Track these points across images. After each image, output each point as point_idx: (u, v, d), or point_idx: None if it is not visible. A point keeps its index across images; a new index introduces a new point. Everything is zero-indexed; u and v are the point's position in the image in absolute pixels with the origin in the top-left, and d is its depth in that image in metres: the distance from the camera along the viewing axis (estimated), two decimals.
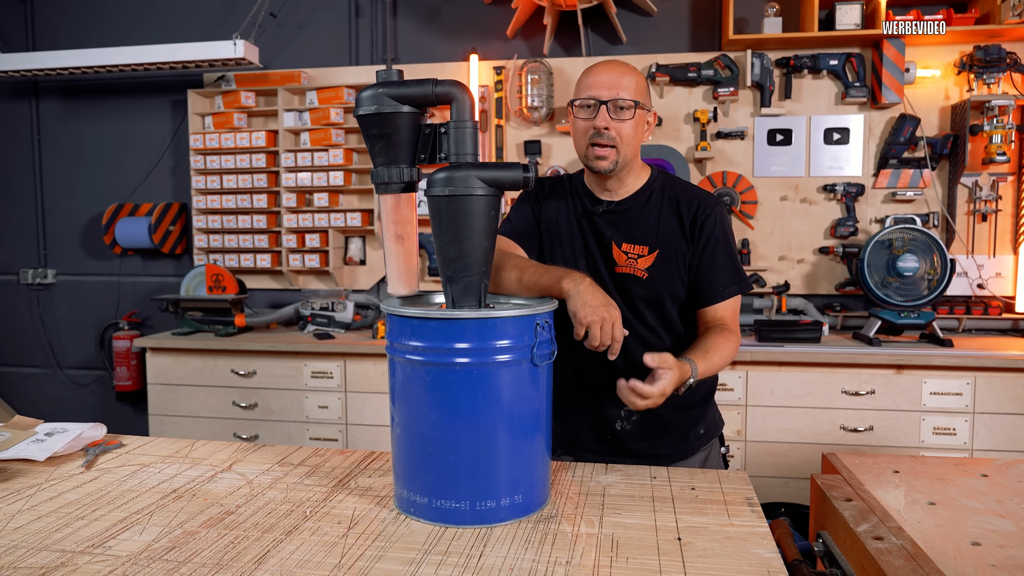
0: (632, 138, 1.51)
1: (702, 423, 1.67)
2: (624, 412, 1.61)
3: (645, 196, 1.58)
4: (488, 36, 3.62)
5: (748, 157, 3.42)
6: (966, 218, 3.29)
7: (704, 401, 1.67)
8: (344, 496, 1.31)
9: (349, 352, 3.18)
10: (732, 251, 1.58)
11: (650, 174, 1.61)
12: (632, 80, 1.50)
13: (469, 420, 1.17)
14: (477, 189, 1.21)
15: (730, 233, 1.60)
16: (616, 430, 1.62)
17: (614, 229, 1.57)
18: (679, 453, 1.64)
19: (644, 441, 1.62)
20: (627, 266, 1.56)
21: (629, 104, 1.47)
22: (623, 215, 1.57)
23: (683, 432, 1.64)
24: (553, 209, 1.64)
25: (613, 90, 1.48)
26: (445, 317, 1.17)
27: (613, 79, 1.49)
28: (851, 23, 3.18)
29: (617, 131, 1.49)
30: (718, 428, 1.72)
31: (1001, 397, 2.78)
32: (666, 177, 1.61)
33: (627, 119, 1.48)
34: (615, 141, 1.49)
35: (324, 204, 3.66)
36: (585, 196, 1.62)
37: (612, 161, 1.51)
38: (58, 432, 1.59)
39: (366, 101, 1.24)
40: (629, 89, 1.48)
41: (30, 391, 4.24)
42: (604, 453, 1.65)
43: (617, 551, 1.08)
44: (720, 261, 1.55)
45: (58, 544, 1.12)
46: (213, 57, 3.42)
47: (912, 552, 1.09)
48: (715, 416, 1.72)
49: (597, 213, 1.59)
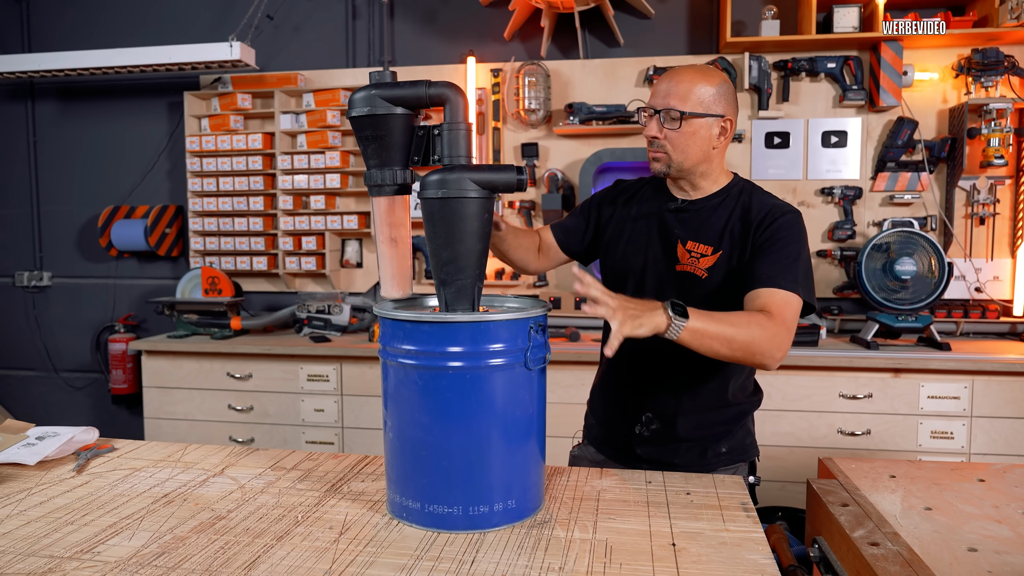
0: (686, 146, 1.50)
1: (726, 442, 1.61)
2: (645, 418, 1.61)
3: (719, 198, 1.57)
4: (485, 38, 3.61)
5: (746, 160, 3.42)
6: (964, 221, 3.29)
7: (733, 420, 1.62)
8: (336, 501, 1.30)
9: (345, 355, 3.17)
10: (796, 256, 1.46)
11: (732, 179, 1.60)
12: (689, 88, 1.48)
13: (462, 424, 1.16)
14: (471, 191, 1.21)
15: (800, 243, 1.49)
16: (635, 433, 1.62)
17: (682, 227, 1.57)
18: (695, 467, 1.58)
19: (660, 448, 1.61)
20: (689, 264, 1.55)
21: (676, 115, 1.48)
22: (694, 214, 1.57)
23: (702, 447, 1.60)
24: (628, 208, 1.67)
25: (666, 99, 1.49)
26: (438, 320, 1.16)
27: (669, 88, 1.50)
28: (849, 26, 3.18)
29: (668, 139, 1.50)
30: (747, 454, 1.65)
31: (999, 401, 2.78)
32: (747, 184, 1.60)
33: (676, 128, 1.49)
34: (665, 148, 1.51)
35: (321, 207, 3.65)
36: (663, 195, 1.64)
37: (665, 164, 1.53)
38: (49, 436, 1.58)
39: (359, 103, 1.23)
40: (684, 98, 1.48)
41: (26, 394, 4.23)
42: (621, 453, 1.66)
43: (611, 557, 1.07)
44: (775, 256, 1.45)
45: (46, 550, 1.10)
46: (209, 59, 3.40)
47: (908, 558, 1.09)
48: (745, 440, 1.65)
49: (669, 210, 1.60)
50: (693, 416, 1.59)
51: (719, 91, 1.50)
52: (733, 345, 1.31)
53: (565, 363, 2.93)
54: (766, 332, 1.33)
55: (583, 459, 1.75)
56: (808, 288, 1.45)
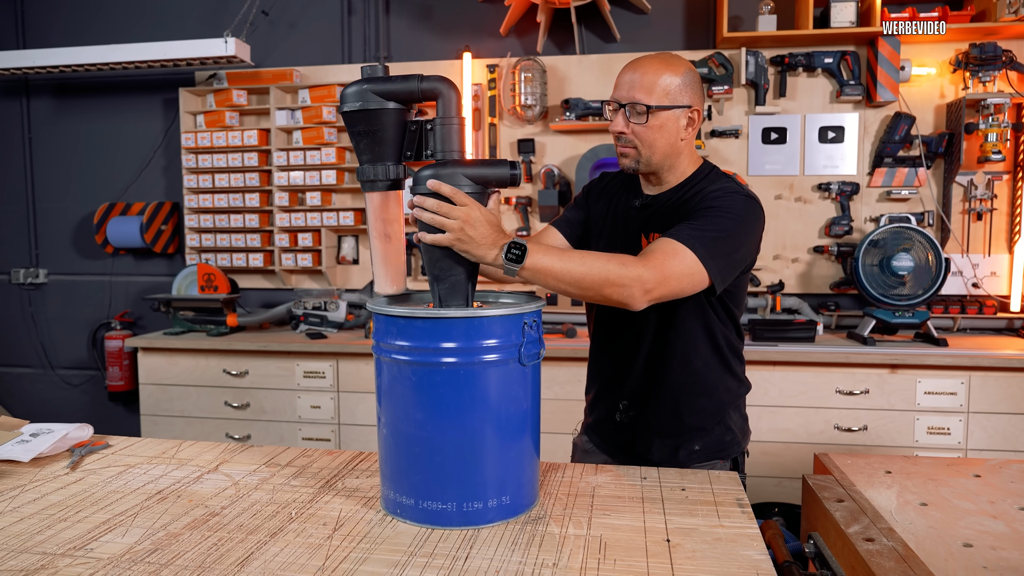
0: (654, 140, 1.46)
1: (699, 440, 1.56)
2: (622, 405, 1.60)
3: (682, 191, 1.52)
4: (481, 34, 3.60)
5: (742, 155, 3.41)
6: (961, 217, 3.29)
7: (711, 415, 1.57)
8: (331, 497, 1.29)
9: (342, 352, 3.17)
10: (718, 226, 1.37)
11: (698, 167, 1.55)
12: (654, 80, 1.43)
13: (456, 420, 1.16)
14: (464, 187, 1.20)
15: (733, 218, 1.39)
16: (615, 420, 1.62)
17: (646, 223, 1.55)
18: (668, 463, 1.55)
19: (638, 441, 1.60)
20: None
21: (643, 109, 1.43)
22: (656, 209, 1.54)
23: (674, 443, 1.56)
24: (604, 203, 1.65)
25: (631, 92, 1.44)
26: (431, 316, 1.15)
27: (634, 80, 1.44)
28: (846, 21, 3.17)
29: (635, 134, 1.46)
30: (726, 451, 1.58)
31: (995, 397, 2.78)
32: (713, 172, 1.54)
33: (642, 123, 1.44)
34: (633, 143, 1.47)
35: (317, 203, 3.64)
36: (631, 190, 1.61)
37: (634, 160, 1.49)
38: (44, 433, 1.57)
39: (351, 97, 1.22)
40: (649, 90, 1.43)
41: (22, 391, 4.22)
42: (605, 441, 1.67)
43: (605, 552, 1.07)
44: (695, 222, 1.38)
45: (39, 546, 1.10)
46: (204, 55, 3.39)
47: (903, 554, 1.08)
48: (724, 437, 1.58)
49: (634, 207, 1.58)
50: (663, 406, 1.55)
51: (684, 80, 1.45)
52: (583, 284, 1.28)
53: (561, 359, 2.93)
54: (627, 270, 1.27)
55: (578, 448, 1.76)
56: (718, 260, 1.35)
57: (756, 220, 1.45)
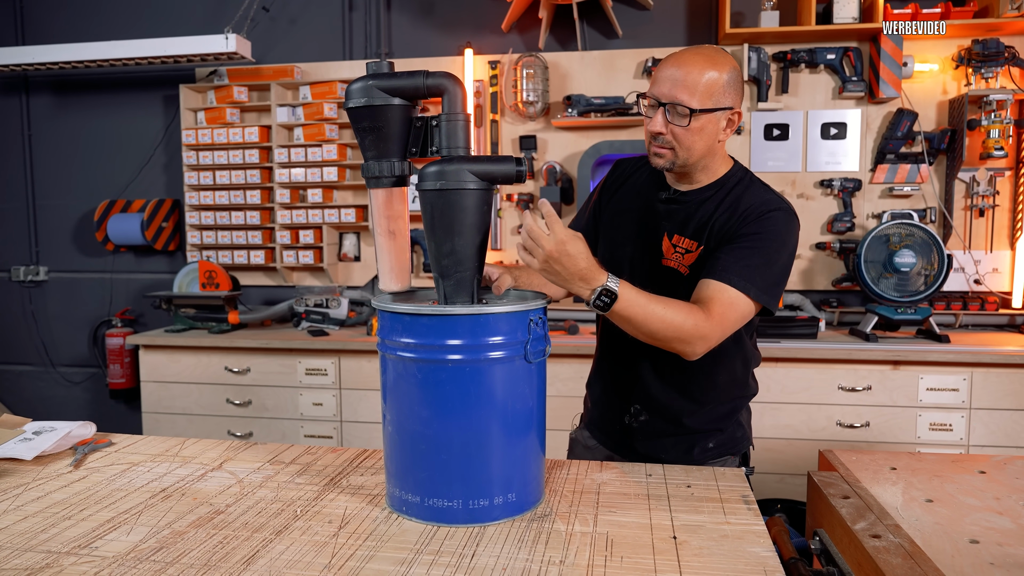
0: (693, 142, 1.40)
1: (713, 438, 1.57)
2: (634, 409, 1.59)
3: (711, 191, 1.47)
4: (483, 30, 3.59)
5: (745, 152, 3.40)
6: (963, 213, 3.28)
7: (724, 417, 1.58)
8: (336, 495, 1.29)
9: (343, 349, 3.16)
10: (766, 258, 1.37)
11: (730, 169, 1.50)
12: (699, 79, 1.36)
13: (462, 418, 1.16)
14: (469, 183, 1.19)
15: (779, 244, 1.39)
16: (624, 423, 1.61)
17: (670, 219, 1.50)
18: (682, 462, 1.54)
19: (648, 442, 1.59)
20: (673, 260, 1.48)
21: (686, 112, 1.36)
22: (682, 206, 1.49)
23: (689, 443, 1.57)
24: (624, 193, 1.61)
25: (673, 91, 1.37)
26: (437, 313, 1.15)
27: (676, 77, 1.37)
28: (849, 17, 3.17)
29: (674, 135, 1.39)
30: (737, 447, 1.60)
31: (998, 393, 2.77)
32: (745, 176, 1.50)
33: (684, 126, 1.37)
34: (672, 145, 1.41)
35: (318, 200, 3.63)
36: (657, 183, 1.56)
37: (669, 160, 1.43)
38: (46, 431, 1.57)
39: (356, 93, 1.22)
40: (693, 91, 1.36)
41: (23, 389, 4.21)
42: (612, 440, 1.65)
43: (612, 550, 1.07)
44: (744, 252, 1.36)
45: (44, 545, 1.10)
46: (205, 52, 3.38)
47: (910, 550, 1.08)
48: (735, 434, 1.60)
49: (659, 200, 1.52)
50: (682, 410, 1.55)
51: (729, 80, 1.39)
52: (656, 336, 1.31)
53: (564, 356, 2.93)
54: (696, 329, 1.30)
55: (578, 443, 1.75)
56: (769, 291, 1.37)
57: (795, 234, 1.45)
